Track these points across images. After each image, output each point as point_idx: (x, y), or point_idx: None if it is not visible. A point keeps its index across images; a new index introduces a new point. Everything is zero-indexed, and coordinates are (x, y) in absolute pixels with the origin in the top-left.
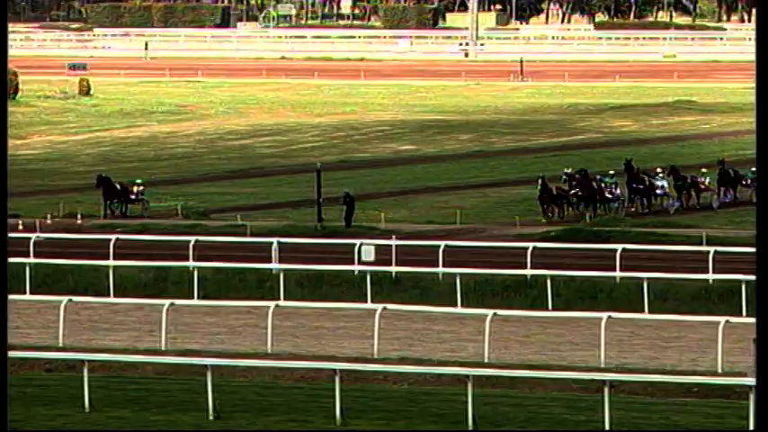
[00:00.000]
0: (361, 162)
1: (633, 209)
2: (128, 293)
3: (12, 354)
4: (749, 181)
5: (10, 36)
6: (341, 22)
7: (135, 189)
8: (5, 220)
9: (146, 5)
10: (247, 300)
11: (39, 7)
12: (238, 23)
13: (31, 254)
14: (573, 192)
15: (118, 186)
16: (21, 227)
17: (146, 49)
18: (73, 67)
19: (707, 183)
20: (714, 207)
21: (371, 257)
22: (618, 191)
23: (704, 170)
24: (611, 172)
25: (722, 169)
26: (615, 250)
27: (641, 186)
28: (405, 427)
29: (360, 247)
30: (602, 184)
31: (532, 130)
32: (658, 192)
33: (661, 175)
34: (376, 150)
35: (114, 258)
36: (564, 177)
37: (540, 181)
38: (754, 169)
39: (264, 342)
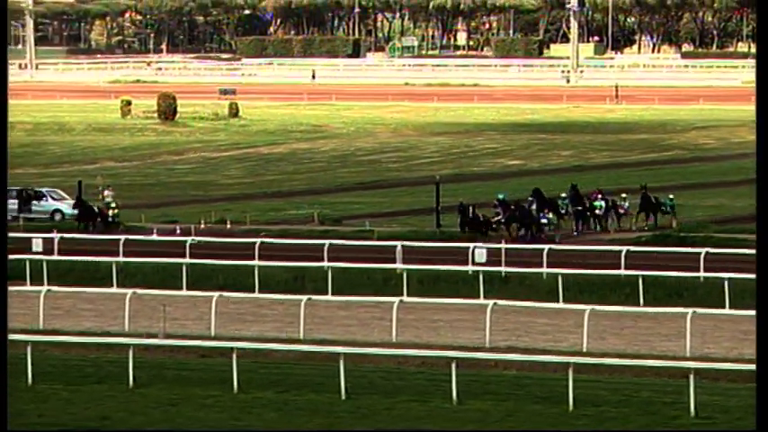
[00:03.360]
0: (474, 175)
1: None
2: (270, 290)
3: (170, 342)
4: (669, 208)
5: (170, 65)
6: (457, 53)
7: (110, 212)
8: (5, 220)
9: (287, 38)
10: (375, 296)
11: (194, 40)
12: (368, 54)
13: (187, 255)
14: (496, 219)
15: (96, 209)
16: (178, 231)
17: (313, 77)
18: (223, 92)
19: (626, 207)
20: (674, 226)
21: (483, 259)
22: (551, 214)
23: (624, 195)
24: (563, 195)
25: (644, 195)
26: (699, 253)
27: (579, 208)
28: (513, 407)
29: (473, 250)
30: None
31: (626, 147)
32: (597, 212)
33: (600, 197)
34: (487, 165)
35: (259, 259)
36: (495, 203)
37: (467, 208)
38: (671, 196)
39: (390, 333)
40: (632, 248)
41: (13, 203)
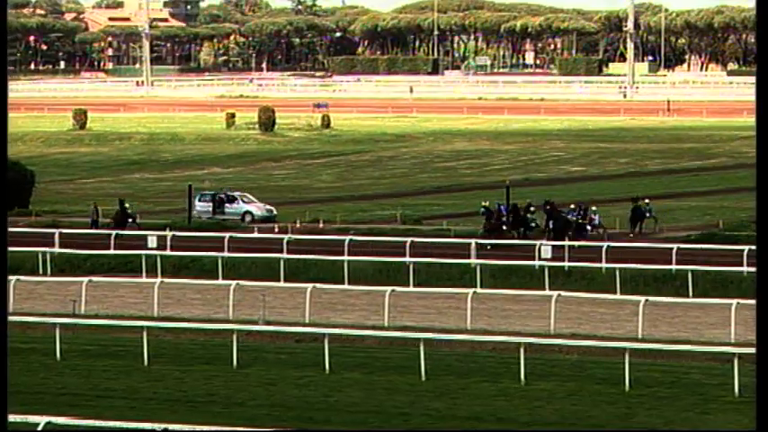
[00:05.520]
0: (540, 180)
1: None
2: (358, 282)
3: (269, 328)
4: (648, 213)
5: (270, 82)
6: (525, 70)
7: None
8: (5, 221)
9: (373, 58)
10: (451, 287)
11: (291, 59)
12: (445, 71)
13: (285, 250)
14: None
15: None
16: (276, 229)
17: (411, 92)
18: (317, 105)
19: (596, 219)
20: (657, 230)
21: (549, 255)
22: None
23: (594, 208)
24: (532, 208)
25: (636, 206)
26: (742, 250)
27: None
28: (575, 388)
29: (539, 247)
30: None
31: (677, 155)
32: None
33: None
34: (552, 171)
35: (348, 254)
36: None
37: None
38: (647, 201)
39: (464, 320)
40: (682, 246)
41: (208, 206)
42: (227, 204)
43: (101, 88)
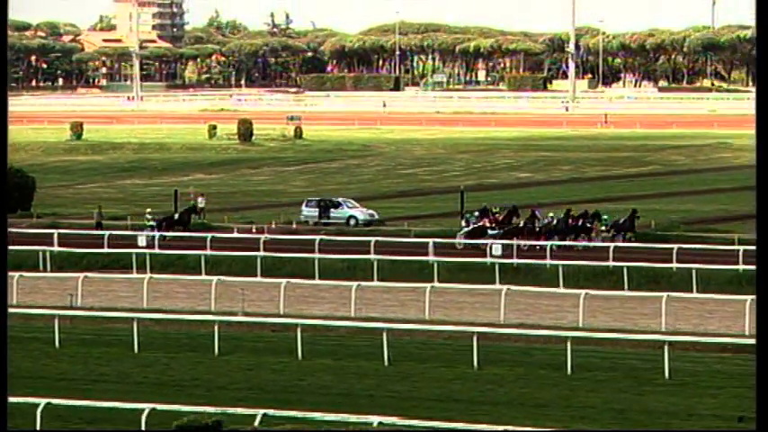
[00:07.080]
0: (492, 185)
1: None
2: (328, 277)
3: (248, 319)
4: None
5: (248, 97)
6: (478, 87)
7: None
8: (5, 220)
9: (340, 76)
10: (411, 282)
11: (267, 77)
12: (406, 88)
13: (261, 249)
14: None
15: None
16: (254, 230)
17: (384, 106)
18: (290, 118)
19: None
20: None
21: (499, 252)
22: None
23: (551, 214)
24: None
25: (632, 217)
26: (672, 248)
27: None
28: (523, 372)
29: (491, 246)
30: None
31: (614, 163)
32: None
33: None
34: (503, 177)
35: (319, 252)
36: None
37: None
38: (605, 217)
39: (423, 312)
40: (619, 244)
41: (314, 211)
42: (332, 209)
43: (95, 103)
